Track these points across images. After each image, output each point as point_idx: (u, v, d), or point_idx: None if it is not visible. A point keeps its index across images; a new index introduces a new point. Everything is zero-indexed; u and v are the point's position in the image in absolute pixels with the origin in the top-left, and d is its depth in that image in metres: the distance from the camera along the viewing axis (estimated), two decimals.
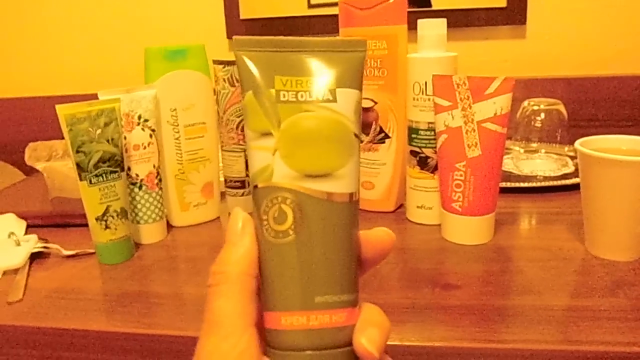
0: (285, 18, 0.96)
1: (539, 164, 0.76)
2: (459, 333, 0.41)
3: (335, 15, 0.65)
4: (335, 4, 0.63)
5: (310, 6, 0.95)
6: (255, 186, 0.26)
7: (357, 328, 0.25)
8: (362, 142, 0.65)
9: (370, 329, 0.25)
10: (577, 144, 0.51)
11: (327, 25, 0.93)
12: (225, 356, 0.23)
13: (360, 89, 0.27)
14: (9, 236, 0.60)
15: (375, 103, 0.63)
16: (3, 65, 1.10)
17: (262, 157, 0.26)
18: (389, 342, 0.41)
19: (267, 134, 0.26)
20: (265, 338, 0.25)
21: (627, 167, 0.47)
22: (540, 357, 0.39)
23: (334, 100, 0.26)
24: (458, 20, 0.91)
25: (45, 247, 0.58)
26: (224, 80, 0.64)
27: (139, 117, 0.59)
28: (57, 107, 0.52)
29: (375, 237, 0.27)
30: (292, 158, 0.25)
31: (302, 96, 0.26)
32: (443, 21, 0.58)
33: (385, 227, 0.28)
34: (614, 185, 0.48)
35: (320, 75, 0.26)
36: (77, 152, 0.53)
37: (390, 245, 0.28)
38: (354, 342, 0.25)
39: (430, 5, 0.91)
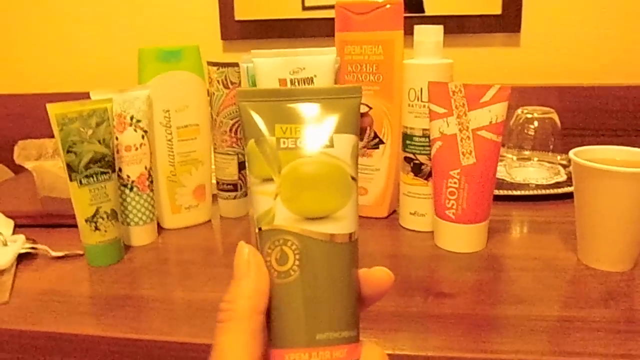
0: (280, 20, 0.95)
1: (532, 172, 0.76)
2: (452, 342, 0.41)
3: (329, 19, 0.64)
4: (329, 7, 0.63)
5: (305, 8, 0.95)
6: (260, 229, 0.27)
7: None
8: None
9: None
10: (572, 154, 0.51)
11: (321, 28, 0.93)
12: None
13: (357, 134, 0.29)
14: None
15: (370, 108, 0.63)
16: None
17: (265, 202, 0.27)
18: None
19: (269, 180, 0.27)
20: None
21: (621, 178, 0.47)
22: None
23: (331, 145, 0.28)
24: (452, 26, 0.91)
25: (33, 248, 0.58)
26: (218, 82, 0.63)
27: (132, 118, 0.58)
28: (48, 106, 0.51)
29: (374, 276, 0.28)
30: (293, 202, 0.27)
31: (300, 143, 0.27)
32: (440, 28, 0.58)
33: (384, 267, 0.28)
34: (608, 196, 0.48)
35: (318, 122, 0.28)
36: (68, 152, 0.52)
37: (389, 284, 0.28)
38: None
39: (423, 11, 0.91)
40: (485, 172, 0.54)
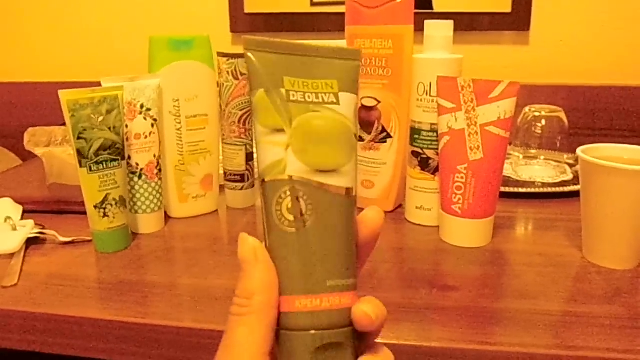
0: (289, 14, 0.95)
1: (538, 170, 0.76)
2: (455, 334, 0.41)
3: (338, 14, 0.65)
4: (337, 3, 0.63)
5: (313, 4, 0.95)
6: (264, 179, 0.27)
7: (357, 302, 0.27)
8: (363, 140, 0.65)
9: (366, 302, 0.27)
10: (579, 151, 0.51)
11: (330, 22, 0.93)
12: None
13: (357, 94, 0.29)
14: (5, 220, 0.59)
15: (379, 102, 0.63)
16: (6, 49, 1.09)
17: (275, 152, 0.27)
18: (385, 341, 0.41)
19: (279, 130, 0.28)
20: (279, 322, 0.27)
21: (628, 176, 0.47)
22: None
23: (338, 102, 0.28)
24: (461, 23, 0.91)
25: (41, 233, 0.58)
26: (228, 73, 0.64)
27: (142, 106, 0.58)
28: (60, 92, 0.52)
29: (366, 216, 0.29)
30: (305, 154, 0.27)
31: (309, 97, 0.28)
32: (450, 23, 0.58)
33: (374, 206, 0.30)
34: (614, 194, 0.48)
35: (325, 79, 0.28)
36: (79, 138, 0.52)
37: (380, 221, 0.29)
38: (353, 312, 0.27)
39: (431, 8, 0.91)
40: (492, 168, 0.54)
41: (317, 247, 0.27)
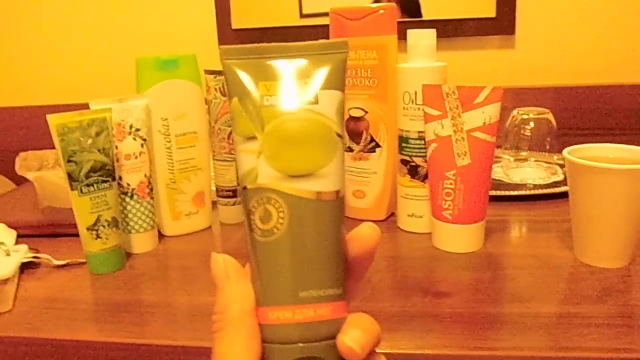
0: (277, 28, 0.96)
1: (529, 172, 0.77)
2: (450, 340, 0.41)
3: (326, 25, 0.65)
4: (327, 14, 0.64)
5: (302, 16, 0.96)
6: (244, 188, 0.27)
7: (340, 330, 0.26)
8: (352, 151, 0.65)
9: (352, 329, 0.26)
10: (565, 152, 0.52)
11: (319, 35, 0.94)
12: None
13: (343, 90, 0.28)
14: None
15: (366, 112, 0.64)
16: None
17: (248, 160, 0.27)
18: (380, 350, 0.41)
19: (252, 138, 0.27)
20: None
21: (613, 175, 0.48)
22: None
23: (316, 102, 0.27)
24: (448, 29, 0.92)
25: (35, 257, 0.58)
26: (216, 89, 0.64)
27: (131, 127, 0.59)
28: (48, 116, 0.52)
29: (360, 232, 0.28)
30: (276, 159, 0.27)
31: (284, 100, 0.27)
32: (432, 31, 0.59)
33: (370, 222, 0.28)
34: (601, 193, 0.49)
35: (302, 78, 0.27)
36: (68, 161, 0.53)
37: (375, 239, 0.28)
38: (337, 343, 0.25)
39: (420, 16, 0.92)
40: (480, 173, 0.54)
41: (288, 257, 0.26)
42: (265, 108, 0.27)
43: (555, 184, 0.72)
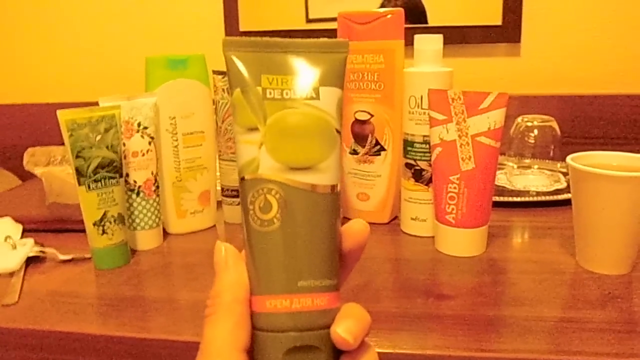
0: (284, 31, 0.97)
1: (532, 179, 0.77)
2: (452, 342, 0.42)
3: (333, 30, 0.66)
4: (333, 19, 0.64)
5: (309, 20, 0.97)
6: (243, 178, 0.27)
7: (334, 321, 0.26)
8: (357, 154, 0.66)
9: (346, 320, 0.26)
10: (569, 159, 0.52)
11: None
12: None
13: (342, 87, 0.29)
14: (6, 240, 0.60)
15: (372, 116, 0.64)
16: (4, 71, 1.10)
17: (249, 151, 0.27)
18: (382, 350, 0.41)
19: (254, 129, 0.27)
20: (252, 322, 0.27)
21: (616, 182, 0.48)
22: None
23: (317, 97, 0.28)
24: (454, 37, 0.93)
25: (41, 252, 0.59)
26: (223, 90, 0.65)
27: (139, 125, 0.59)
28: (59, 112, 0.53)
29: (351, 228, 0.29)
30: (277, 151, 0.27)
31: (287, 94, 0.27)
32: (439, 37, 0.60)
33: (359, 219, 0.29)
34: (603, 200, 0.49)
35: (305, 74, 0.28)
36: (77, 157, 0.53)
37: (366, 234, 0.29)
38: (331, 334, 0.26)
39: (426, 22, 0.93)
40: (484, 177, 0.55)
41: (287, 246, 0.26)
42: (268, 101, 0.27)
43: (558, 192, 0.73)
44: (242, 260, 0.28)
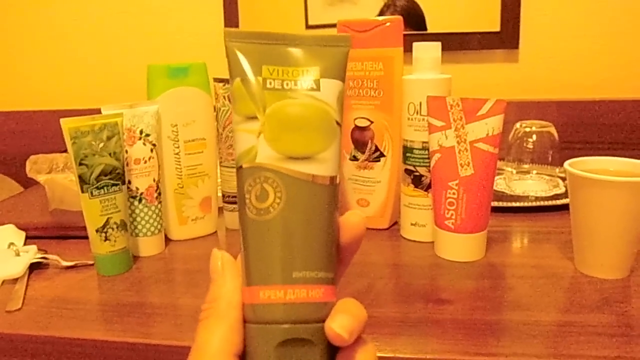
0: None
1: (531, 184, 0.78)
2: (451, 346, 0.42)
3: None
4: (332, 25, 0.65)
5: (308, 27, 0.97)
6: (240, 167, 0.27)
7: (329, 317, 0.26)
8: (357, 160, 0.66)
9: (341, 315, 0.26)
10: (567, 164, 0.53)
11: None
12: None
13: (343, 81, 0.29)
14: (9, 246, 0.60)
15: (372, 122, 0.65)
16: (7, 78, 1.11)
17: (247, 139, 0.27)
18: (382, 354, 0.42)
19: (253, 118, 0.27)
20: (244, 315, 0.26)
21: (614, 188, 0.49)
22: None
23: (318, 89, 0.28)
24: (453, 43, 0.94)
25: (44, 258, 0.59)
26: (224, 97, 0.65)
27: (141, 132, 0.60)
28: (62, 120, 0.53)
29: (348, 220, 0.29)
30: (276, 141, 0.27)
31: (287, 84, 0.28)
32: (438, 44, 0.60)
33: (356, 211, 0.29)
34: (601, 205, 0.50)
35: (306, 65, 0.28)
36: (80, 164, 0.54)
37: (362, 226, 0.29)
38: (325, 329, 0.25)
39: (425, 29, 0.94)
40: (482, 183, 0.55)
41: (283, 236, 0.26)
42: (268, 91, 0.27)
43: (557, 197, 0.73)
44: (238, 267, 0.28)
